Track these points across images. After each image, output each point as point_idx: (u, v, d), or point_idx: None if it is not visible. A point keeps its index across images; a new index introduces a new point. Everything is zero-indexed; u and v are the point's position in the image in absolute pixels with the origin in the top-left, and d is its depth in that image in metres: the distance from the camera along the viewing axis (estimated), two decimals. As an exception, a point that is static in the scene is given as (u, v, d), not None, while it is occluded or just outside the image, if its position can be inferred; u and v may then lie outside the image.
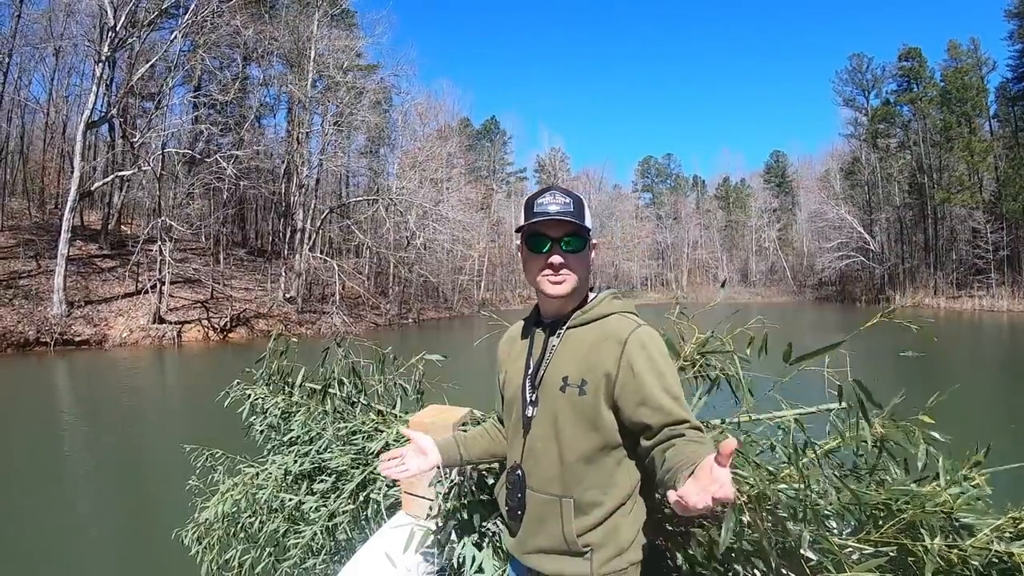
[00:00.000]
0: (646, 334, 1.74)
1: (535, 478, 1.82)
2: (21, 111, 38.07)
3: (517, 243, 1.91)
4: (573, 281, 1.81)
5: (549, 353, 1.84)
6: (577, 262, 1.81)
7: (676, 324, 2.74)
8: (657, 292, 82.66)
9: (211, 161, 33.55)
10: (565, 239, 1.79)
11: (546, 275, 1.80)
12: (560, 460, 1.77)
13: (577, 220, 1.77)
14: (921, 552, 1.86)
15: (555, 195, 1.81)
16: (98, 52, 29.44)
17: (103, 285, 30.23)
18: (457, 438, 2.17)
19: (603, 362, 1.71)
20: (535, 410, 1.84)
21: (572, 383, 1.75)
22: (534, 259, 1.83)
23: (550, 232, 1.79)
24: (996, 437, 2.40)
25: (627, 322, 1.78)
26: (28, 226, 32.43)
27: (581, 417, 1.74)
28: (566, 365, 1.78)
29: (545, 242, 1.80)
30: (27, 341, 24.66)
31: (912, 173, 61.14)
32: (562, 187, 1.86)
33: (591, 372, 1.72)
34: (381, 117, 46.19)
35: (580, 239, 1.80)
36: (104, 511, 8.12)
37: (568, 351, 1.81)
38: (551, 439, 1.78)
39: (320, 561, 3.44)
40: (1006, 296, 49.36)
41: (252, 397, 4.12)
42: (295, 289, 37.32)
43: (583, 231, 1.80)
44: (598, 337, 1.77)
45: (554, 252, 1.79)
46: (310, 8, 40.76)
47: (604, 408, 1.71)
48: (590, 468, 1.75)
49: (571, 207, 1.78)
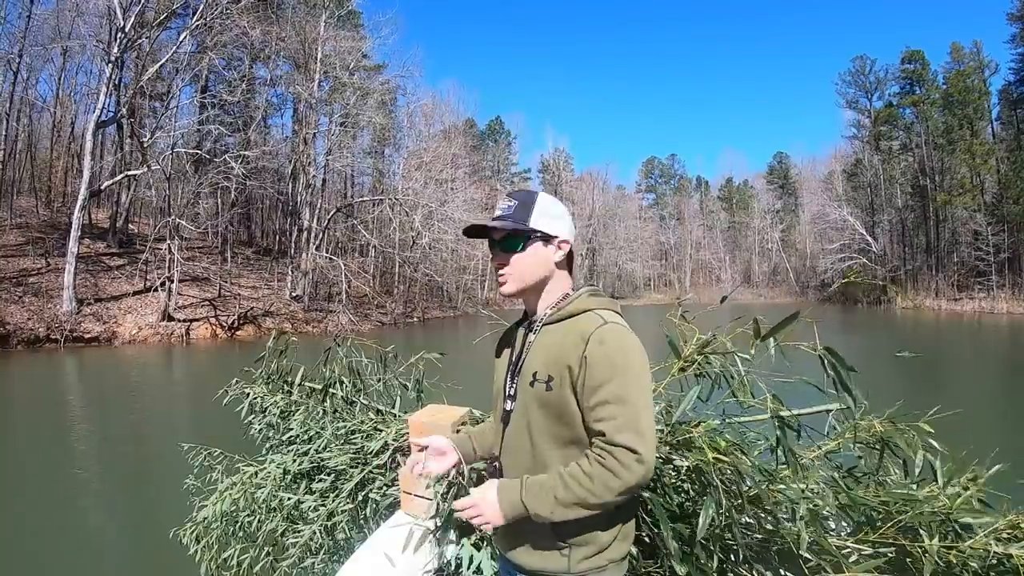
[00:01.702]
0: (609, 331, 1.71)
1: (511, 472, 1.83)
2: (29, 110, 38.10)
3: None
4: (514, 280, 1.84)
5: (526, 349, 1.86)
6: (517, 260, 1.83)
7: (677, 324, 2.73)
8: (660, 293, 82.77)
9: (220, 161, 33.75)
10: (502, 241, 1.84)
11: (497, 274, 1.88)
12: (533, 455, 1.78)
13: (512, 222, 1.82)
14: (920, 553, 1.89)
15: (503, 199, 1.88)
16: (107, 53, 29.60)
17: (112, 283, 30.39)
18: (471, 434, 2.18)
19: (567, 357, 1.71)
20: (512, 403, 1.86)
21: (540, 379, 1.76)
22: (491, 260, 1.91)
23: (493, 234, 1.86)
24: (995, 438, 2.56)
25: (595, 319, 1.75)
26: (36, 224, 32.48)
27: (550, 412, 1.74)
28: (536, 361, 1.79)
29: (492, 244, 1.88)
30: (37, 338, 24.78)
31: (914, 175, 61.09)
32: (518, 191, 1.92)
33: (556, 367, 1.73)
34: (387, 118, 46.47)
35: (516, 239, 1.83)
36: (104, 509, 8.05)
37: (540, 347, 1.82)
38: (524, 433, 1.80)
39: (319, 560, 3.45)
40: (1007, 298, 49.39)
41: (251, 396, 4.15)
42: (302, 288, 37.56)
43: (519, 232, 1.82)
44: (567, 331, 1.77)
45: (495, 254, 1.87)
46: (317, 9, 40.93)
47: (572, 403, 1.71)
48: (561, 461, 1.73)
49: (511, 209, 1.83)
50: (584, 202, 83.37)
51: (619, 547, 1.78)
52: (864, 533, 2.00)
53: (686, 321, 2.72)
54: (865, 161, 67.56)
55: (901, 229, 63.97)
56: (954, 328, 38.76)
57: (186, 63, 34.63)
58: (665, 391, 2.68)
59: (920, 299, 56.17)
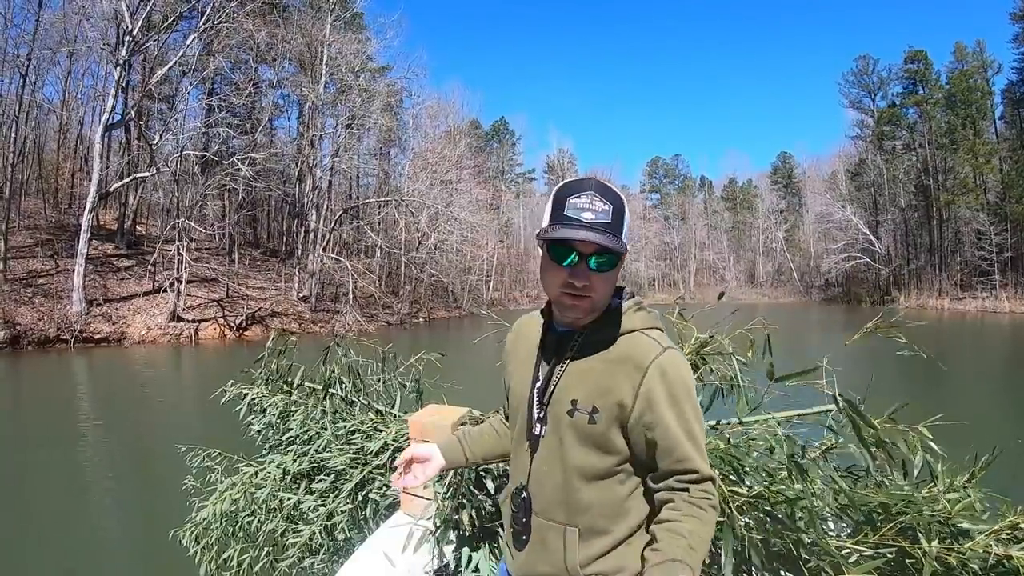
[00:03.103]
0: (669, 361, 1.53)
1: (540, 502, 1.65)
2: (36, 112, 38.10)
3: (538, 241, 1.61)
4: (594, 304, 1.57)
5: (561, 367, 1.63)
6: (603, 282, 1.56)
7: (677, 325, 2.65)
8: (664, 293, 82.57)
9: (228, 163, 33.96)
10: (595, 256, 1.52)
11: (565, 291, 1.56)
12: (565, 486, 1.60)
13: (613, 235, 1.51)
14: (919, 555, 1.86)
15: (592, 198, 1.51)
16: (115, 56, 29.80)
17: (120, 284, 30.68)
18: (461, 438, 2.02)
19: (618, 389, 1.53)
20: (543, 428, 1.64)
21: (582, 409, 1.56)
22: (555, 270, 1.56)
23: (580, 244, 1.51)
24: (996, 439, 2.56)
25: (650, 344, 1.56)
26: (45, 226, 32.75)
27: (589, 443, 1.57)
28: (577, 387, 1.58)
29: (571, 255, 1.53)
30: (47, 338, 25.05)
31: (917, 175, 61.16)
32: (602, 184, 1.56)
33: (603, 398, 1.54)
34: (392, 119, 46.77)
35: (613, 256, 1.54)
36: (105, 509, 8.05)
37: (581, 370, 1.60)
38: (556, 463, 1.62)
39: (319, 560, 3.46)
40: (1009, 297, 49.50)
41: (250, 396, 4.12)
42: (308, 289, 37.79)
43: (617, 251, 1.53)
44: (616, 358, 1.56)
45: (579, 270, 1.53)
46: (322, 12, 41.12)
47: (616, 436, 1.55)
48: (597, 496, 1.58)
49: (608, 216, 1.51)
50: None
51: None
52: (864, 534, 1.98)
53: (684, 320, 2.68)
54: (868, 161, 67.60)
55: (904, 229, 63.97)
56: (957, 327, 38.89)
57: (193, 66, 34.81)
58: None
59: (923, 298, 56.25)
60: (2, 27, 31.62)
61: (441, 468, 1.96)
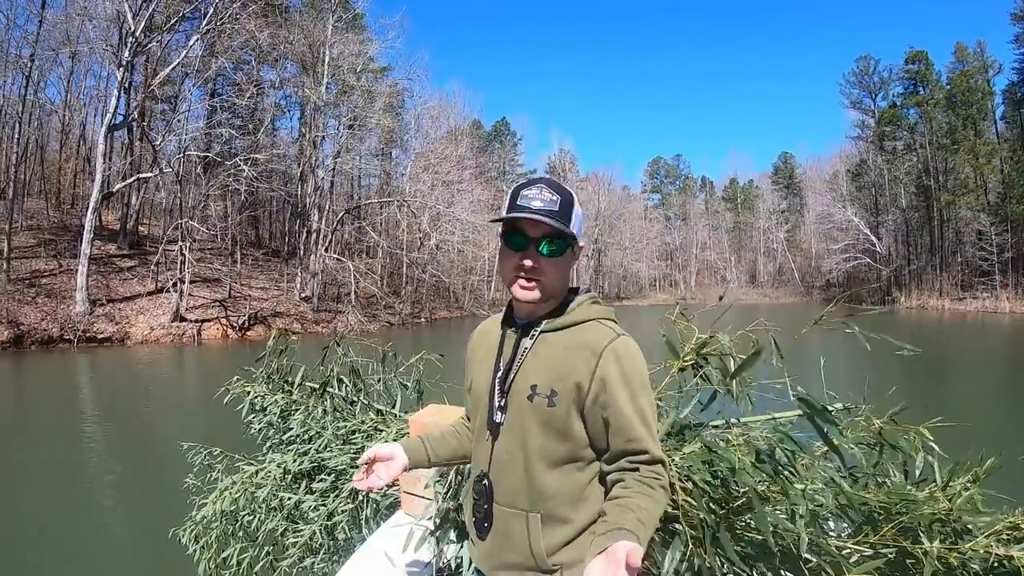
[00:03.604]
0: (623, 346, 1.61)
1: (501, 489, 1.69)
2: (39, 112, 38.21)
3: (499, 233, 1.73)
4: (545, 287, 1.66)
5: (520, 356, 1.70)
6: (553, 267, 1.65)
7: (677, 325, 2.64)
8: (665, 293, 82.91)
9: (230, 164, 34.04)
10: (544, 240, 1.63)
11: (517, 275, 1.66)
12: (527, 472, 1.65)
13: (559, 222, 1.61)
14: (920, 555, 1.86)
15: (542, 189, 1.64)
16: (117, 57, 29.83)
17: (123, 284, 30.69)
18: (424, 438, 2.03)
19: (575, 372, 1.59)
20: (503, 416, 1.70)
21: (541, 393, 1.62)
22: (509, 256, 1.67)
23: (530, 230, 1.63)
24: (995, 438, 2.48)
25: (604, 331, 1.65)
26: (47, 226, 32.75)
27: (549, 428, 1.62)
28: (536, 373, 1.65)
29: (522, 240, 1.64)
30: (51, 338, 25.09)
31: (918, 175, 61.19)
32: (553, 180, 1.68)
33: (561, 382, 1.60)
34: (394, 120, 46.86)
35: (561, 242, 1.65)
36: (105, 508, 7.97)
37: (539, 357, 1.67)
38: (517, 449, 1.66)
39: (319, 560, 3.45)
40: (1009, 298, 49.57)
41: (251, 395, 4.12)
42: (311, 289, 37.86)
43: (565, 235, 1.64)
44: (572, 345, 1.64)
45: (529, 253, 1.64)
46: (323, 13, 41.24)
47: (575, 420, 1.61)
48: (558, 482, 1.63)
49: (556, 206, 1.62)
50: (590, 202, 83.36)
51: None
52: (864, 534, 1.98)
53: (686, 320, 2.66)
54: (869, 161, 67.73)
55: (905, 229, 64.01)
56: (957, 328, 38.89)
57: (196, 67, 34.84)
58: (664, 392, 2.63)
59: (924, 299, 56.38)
60: (5, 28, 31.73)
61: (404, 467, 1.93)
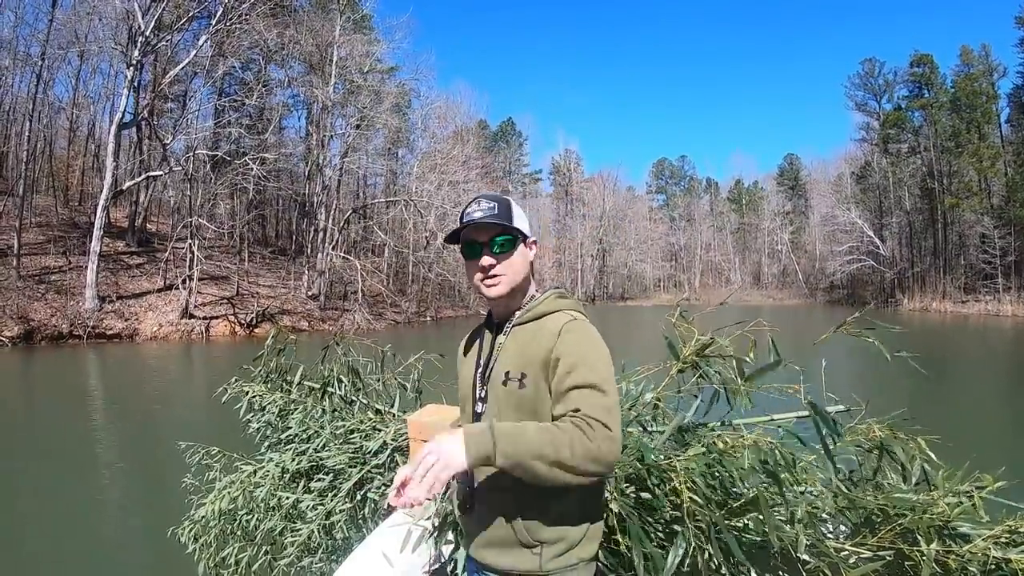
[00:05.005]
0: (578, 324, 1.75)
1: (483, 477, 1.78)
2: (48, 111, 38.43)
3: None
4: (507, 281, 1.83)
5: (496, 351, 1.86)
6: (509, 262, 1.83)
7: (676, 325, 2.66)
8: (669, 294, 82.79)
9: (239, 163, 34.23)
10: (494, 241, 1.82)
11: (481, 278, 1.84)
12: None
13: (502, 221, 1.80)
14: (918, 557, 1.88)
15: (480, 202, 1.84)
16: (126, 56, 30.02)
17: (132, 281, 30.94)
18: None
19: (539, 351, 1.73)
20: (483, 406, 1.85)
21: (512, 377, 1.76)
22: (470, 265, 1.87)
23: (479, 237, 1.83)
24: (994, 441, 2.55)
25: (564, 316, 1.79)
26: (56, 223, 32.99)
27: (523, 410, 1.73)
28: (509, 360, 1.80)
29: (476, 247, 1.83)
30: (60, 334, 25.33)
31: (922, 178, 61.10)
32: (488, 193, 1.89)
33: (529, 365, 1.74)
34: (401, 120, 47.07)
35: (509, 239, 1.83)
36: (105, 507, 7.91)
37: (510, 348, 1.82)
38: None
39: (317, 559, 3.45)
40: (1012, 301, 49.56)
41: (250, 394, 4.15)
42: (318, 287, 38.20)
43: (510, 231, 1.83)
44: (537, 332, 1.78)
45: (484, 255, 1.82)
46: (331, 14, 41.50)
47: (545, 398, 1.72)
48: None
49: (495, 210, 1.81)
50: (595, 203, 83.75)
51: (588, 546, 1.77)
52: (862, 536, 2.01)
53: (686, 321, 2.65)
54: (874, 164, 67.77)
55: (909, 231, 63.93)
56: (959, 331, 38.84)
57: (205, 67, 35.10)
58: (663, 394, 2.69)
59: (927, 301, 56.41)
60: (14, 25, 31.92)
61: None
